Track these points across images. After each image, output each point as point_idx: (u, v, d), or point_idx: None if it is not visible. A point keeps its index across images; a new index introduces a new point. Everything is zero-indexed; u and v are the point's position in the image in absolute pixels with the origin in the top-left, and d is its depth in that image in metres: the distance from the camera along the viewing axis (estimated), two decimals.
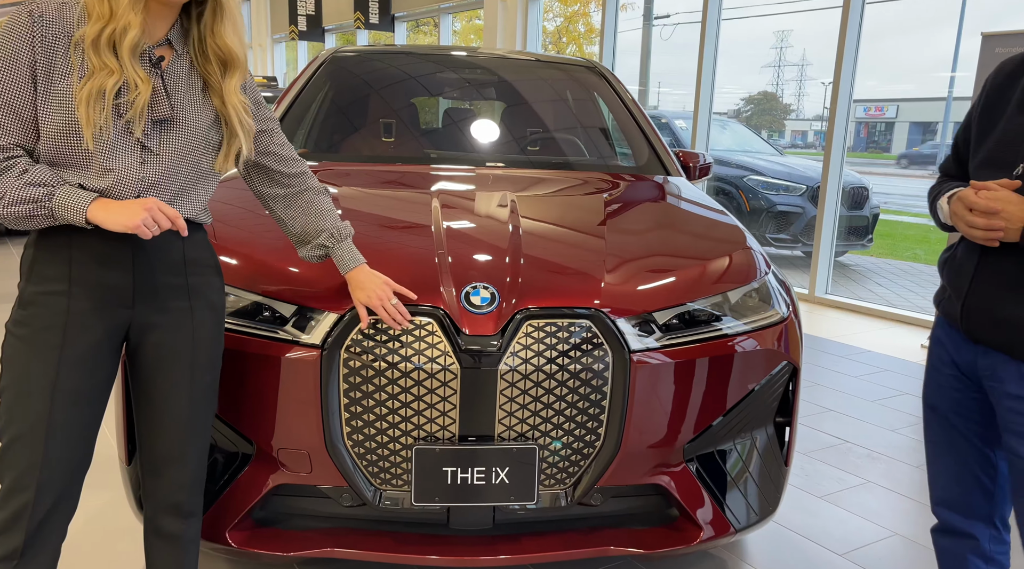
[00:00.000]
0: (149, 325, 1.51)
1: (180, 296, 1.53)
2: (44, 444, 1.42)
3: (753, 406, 2.00)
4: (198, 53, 1.48)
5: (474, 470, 1.77)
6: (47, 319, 1.41)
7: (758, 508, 2.04)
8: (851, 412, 3.67)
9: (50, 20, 1.35)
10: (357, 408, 1.74)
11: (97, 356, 1.46)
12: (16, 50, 1.33)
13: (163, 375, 1.54)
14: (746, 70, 10.46)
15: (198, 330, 1.56)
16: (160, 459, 1.59)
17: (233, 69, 1.49)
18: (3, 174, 1.32)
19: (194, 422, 1.59)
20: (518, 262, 1.89)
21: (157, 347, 1.53)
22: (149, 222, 1.34)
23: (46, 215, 1.34)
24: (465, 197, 2.43)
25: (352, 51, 3.46)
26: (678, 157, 3.16)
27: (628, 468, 1.86)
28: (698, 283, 2.01)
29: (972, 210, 1.43)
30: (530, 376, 1.75)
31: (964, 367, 1.59)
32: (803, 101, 37.35)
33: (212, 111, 1.50)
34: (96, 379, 1.48)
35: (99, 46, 1.34)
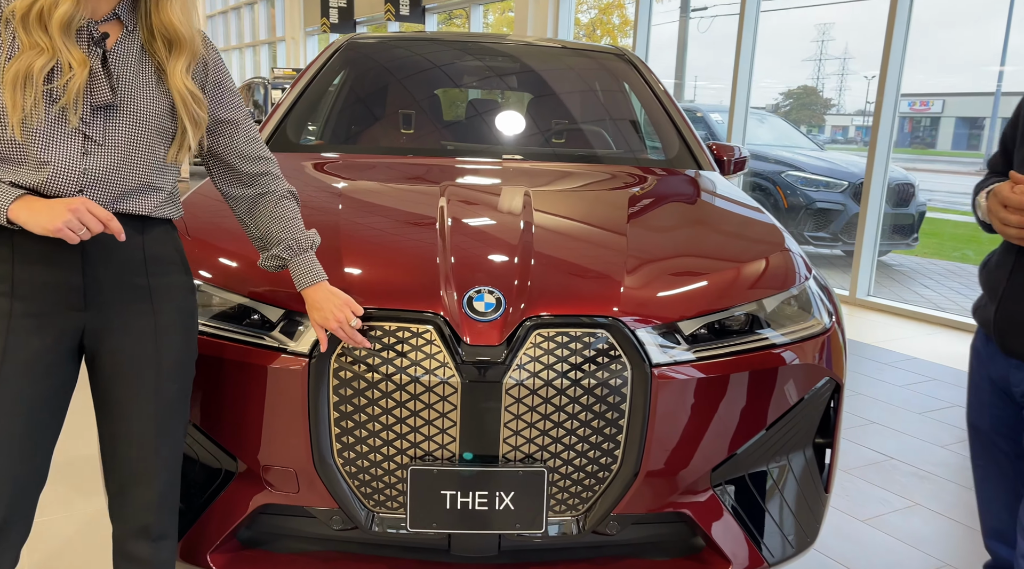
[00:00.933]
0: (105, 330, 1.36)
1: (141, 298, 1.38)
2: (5, 456, 1.30)
3: (790, 427, 1.80)
4: (145, 29, 1.32)
5: (476, 494, 1.60)
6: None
7: (794, 540, 1.84)
8: (896, 425, 3.41)
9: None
10: (348, 423, 1.58)
11: (47, 362, 1.32)
12: None
13: (123, 385, 1.39)
14: (785, 64, 10.19)
15: (162, 334, 1.41)
16: (125, 477, 1.45)
17: (179, 50, 1.33)
18: None
19: (161, 436, 1.44)
20: (528, 263, 1.71)
21: (115, 353, 1.38)
22: (75, 225, 1.18)
23: None
24: (477, 191, 2.25)
25: (369, 38, 3.31)
26: (712, 150, 2.95)
27: (648, 494, 1.68)
28: (730, 289, 1.81)
29: (1007, 207, 1.28)
30: (539, 391, 1.57)
31: (999, 382, 1.44)
32: (844, 95, 36.51)
33: (169, 96, 1.35)
34: (46, 387, 1.33)
35: (28, 22, 1.19)
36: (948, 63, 17.98)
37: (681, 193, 2.48)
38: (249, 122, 1.54)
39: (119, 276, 1.34)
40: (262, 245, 1.59)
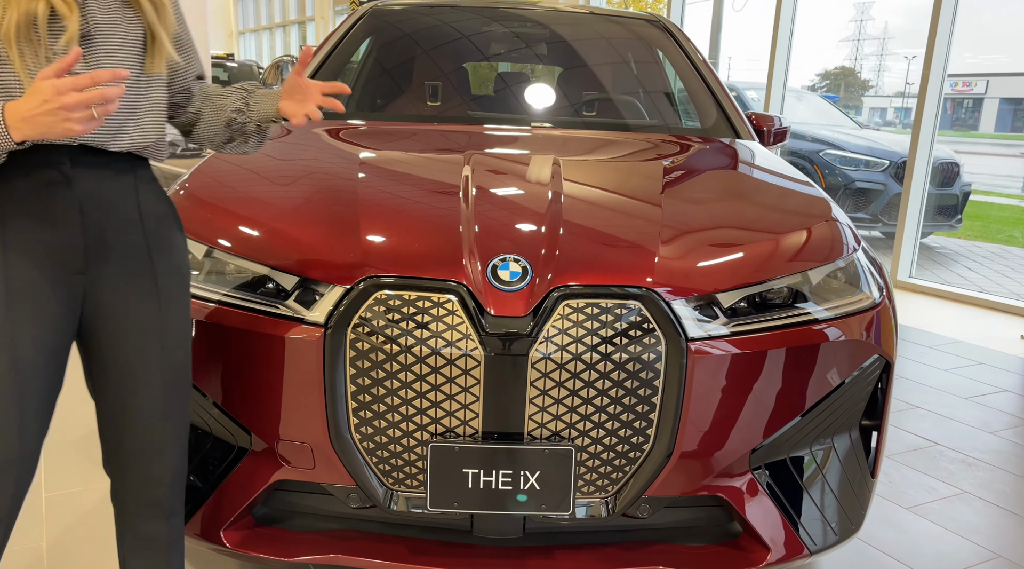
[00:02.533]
0: (108, 292, 1.28)
1: (140, 256, 1.30)
2: (17, 439, 1.23)
3: (835, 407, 1.68)
4: None
5: (499, 473, 1.51)
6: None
7: (837, 527, 1.73)
8: (941, 410, 3.26)
9: None
10: (366, 397, 1.51)
11: (55, 331, 1.24)
12: None
13: (129, 351, 1.32)
14: (822, 44, 9.80)
15: (164, 296, 1.33)
16: (132, 453, 1.38)
17: None
18: None
19: (169, 406, 1.37)
20: (556, 232, 1.61)
21: (120, 319, 1.30)
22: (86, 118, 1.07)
23: None
24: (504, 159, 2.15)
25: (394, 4, 3.21)
26: (751, 120, 2.81)
27: (682, 476, 1.58)
28: (771, 260, 1.70)
29: None
30: (567, 366, 1.48)
31: None
32: (883, 76, 35.55)
33: (136, 15, 1.26)
34: (57, 357, 1.26)
35: None
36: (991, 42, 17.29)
37: (719, 162, 2.35)
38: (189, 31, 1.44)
39: (117, 234, 1.27)
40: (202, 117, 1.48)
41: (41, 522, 2.14)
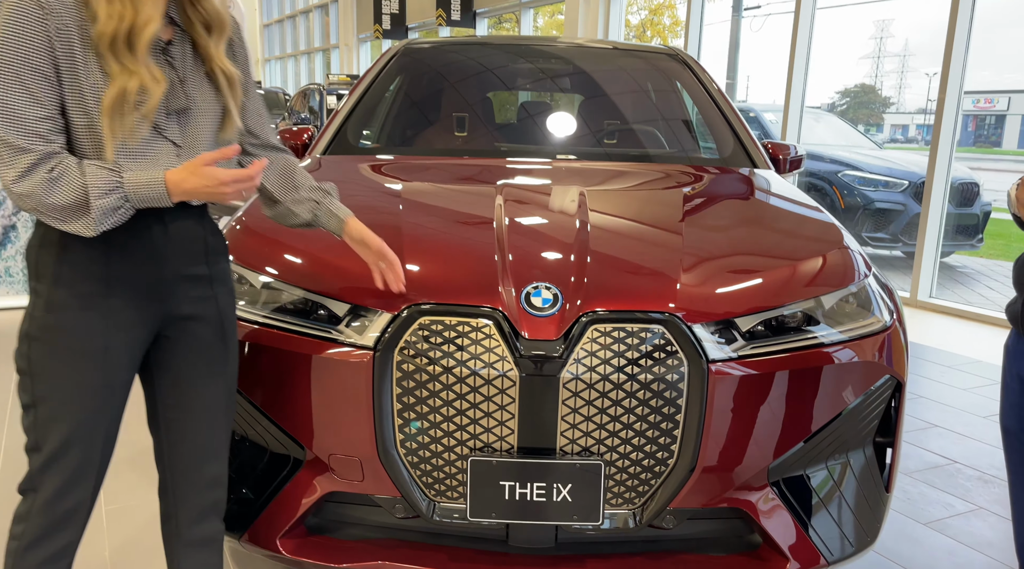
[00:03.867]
0: (181, 317, 1.46)
1: (204, 285, 1.47)
2: (101, 442, 1.41)
3: (849, 425, 1.79)
4: (183, 18, 1.38)
5: (534, 485, 1.63)
6: (88, 320, 1.35)
7: (854, 538, 1.82)
8: (959, 429, 3.33)
9: (56, 10, 1.24)
10: (410, 414, 1.64)
11: (135, 353, 1.43)
12: (35, 48, 1.22)
13: (199, 366, 1.49)
14: (842, 61, 9.89)
15: (224, 317, 1.52)
16: (195, 457, 1.54)
17: (220, 32, 1.40)
18: (61, 179, 1.24)
19: (227, 414, 1.56)
20: (584, 260, 1.74)
21: (190, 338, 1.48)
22: (239, 197, 1.31)
23: (130, 212, 1.30)
24: (532, 191, 2.29)
25: (425, 43, 3.38)
26: (767, 149, 2.93)
27: (705, 489, 1.69)
28: (787, 286, 1.81)
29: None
30: (596, 385, 1.60)
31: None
32: (904, 93, 35.38)
33: (209, 81, 1.42)
34: (131, 377, 1.44)
35: (116, 45, 1.25)
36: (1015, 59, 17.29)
37: (736, 191, 2.47)
38: (257, 94, 1.59)
39: (189, 268, 1.44)
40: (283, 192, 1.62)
41: (103, 533, 2.28)
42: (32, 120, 1.23)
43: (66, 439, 1.37)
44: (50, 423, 1.37)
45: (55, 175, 1.24)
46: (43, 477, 1.39)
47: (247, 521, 1.77)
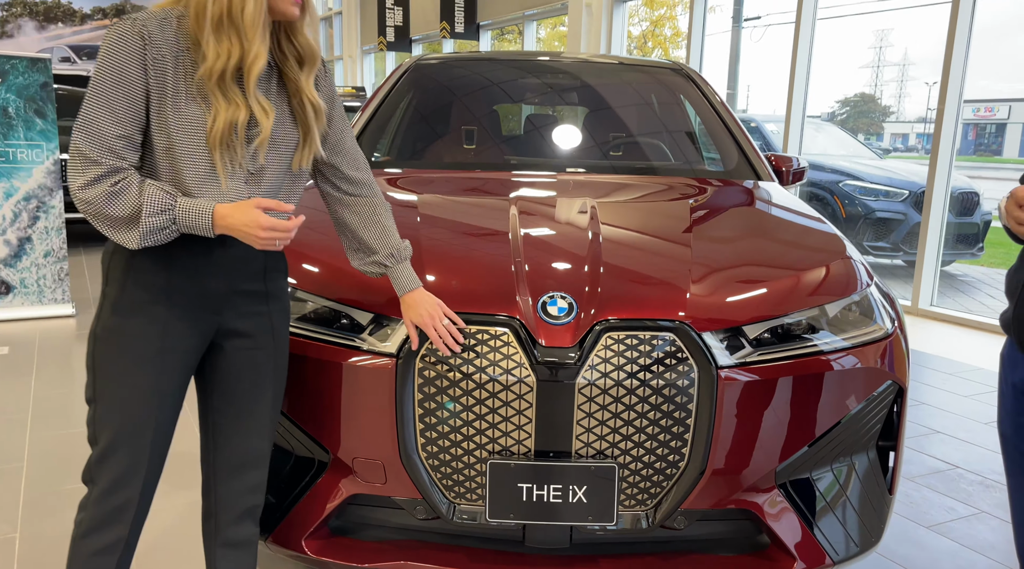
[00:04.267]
0: (234, 330, 1.54)
1: (260, 301, 1.55)
2: (150, 444, 1.48)
3: (853, 428, 1.85)
4: (277, 53, 1.47)
5: (550, 487, 1.70)
6: (146, 326, 1.44)
7: (858, 539, 1.88)
8: (961, 435, 3.39)
9: (156, 41, 1.34)
10: (431, 419, 1.70)
11: (189, 360, 1.51)
12: (129, 74, 1.33)
13: (248, 378, 1.57)
14: (842, 71, 9.99)
15: (276, 333, 1.59)
16: (239, 463, 1.61)
17: (311, 64, 1.48)
18: (122, 194, 1.33)
19: (272, 423, 1.63)
20: (597, 271, 1.82)
21: (243, 351, 1.55)
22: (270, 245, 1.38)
23: (176, 233, 1.38)
24: (544, 204, 2.36)
25: (434, 58, 3.47)
26: (770, 161, 3.00)
27: (714, 491, 1.75)
28: (792, 295, 1.88)
29: (1022, 206, 1.35)
30: (610, 391, 1.67)
31: (1019, 385, 1.46)
32: (904, 102, 35.50)
33: (290, 112, 1.50)
34: (186, 382, 1.52)
35: (225, 82, 1.34)
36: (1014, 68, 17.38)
37: (741, 203, 2.55)
38: (350, 129, 1.68)
39: (246, 284, 1.52)
40: (358, 248, 1.72)
41: None
42: (109, 137, 1.33)
43: (116, 436, 1.46)
44: (104, 420, 1.45)
45: (117, 189, 1.33)
46: (99, 470, 1.47)
47: (273, 523, 1.84)
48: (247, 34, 1.34)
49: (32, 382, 3.75)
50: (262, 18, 1.36)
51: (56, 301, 4.94)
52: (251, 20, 1.34)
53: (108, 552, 1.50)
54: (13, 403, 3.47)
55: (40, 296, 4.90)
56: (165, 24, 1.36)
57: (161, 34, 1.35)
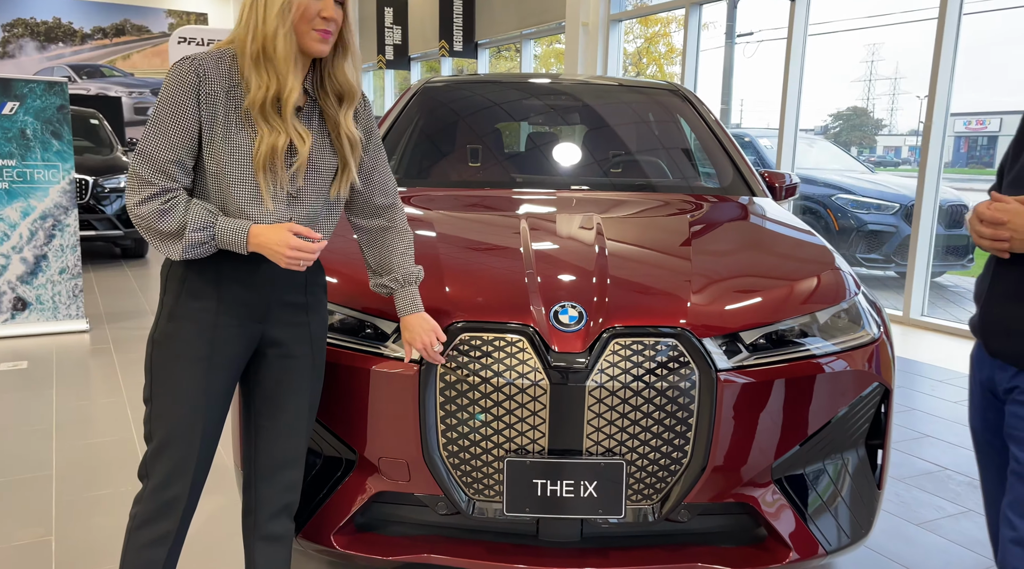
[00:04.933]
0: (276, 339, 1.68)
1: (300, 312, 1.70)
2: (199, 442, 1.62)
3: (843, 427, 1.99)
4: (319, 89, 1.62)
5: (563, 483, 1.83)
6: (197, 332, 1.58)
7: (850, 531, 2.02)
8: (950, 438, 3.53)
9: (211, 77, 1.51)
10: (452, 421, 1.84)
11: (235, 366, 1.64)
12: (184, 106, 1.50)
13: (288, 383, 1.71)
14: (835, 85, 10.19)
15: (315, 343, 1.73)
16: (278, 462, 1.74)
17: (350, 101, 1.63)
18: (171, 211, 1.49)
19: (308, 427, 1.76)
20: (605, 282, 1.96)
21: (284, 358, 1.69)
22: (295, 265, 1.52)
23: (215, 248, 1.53)
24: (552, 220, 2.51)
25: (441, 81, 3.62)
26: (763, 178, 3.16)
27: (715, 485, 1.88)
28: (785, 303, 2.02)
29: (983, 221, 1.48)
30: (617, 393, 1.80)
31: (986, 383, 1.61)
32: (896, 115, 35.91)
33: (329, 142, 1.65)
34: (232, 386, 1.66)
35: (266, 110, 1.50)
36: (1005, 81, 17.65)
37: (737, 218, 2.69)
38: (385, 157, 1.83)
39: (289, 296, 1.67)
40: (375, 271, 1.87)
41: None
42: (162, 161, 1.50)
43: (168, 434, 1.59)
44: (159, 418, 1.60)
45: (167, 208, 1.49)
46: (153, 466, 1.61)
47: (303, 519, 1.96)
48: (280, 69, 1.50)
49: (53, 394, 3.87)
50: (292, 55, 1.52)
51: (71, 317, 5.06)
52: (283, 57, 1.50)
53: (159, 544, 1.63)
54: (36, 414, 3.59)
55: (55, 312, 5.02)
56: (220, 62, 1.53)
57: (216, 71, 1.52)
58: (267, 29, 1.49)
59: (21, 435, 3.35)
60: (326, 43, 1.55)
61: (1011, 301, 1.52)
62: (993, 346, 1.58)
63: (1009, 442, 1.56)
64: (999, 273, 1.56)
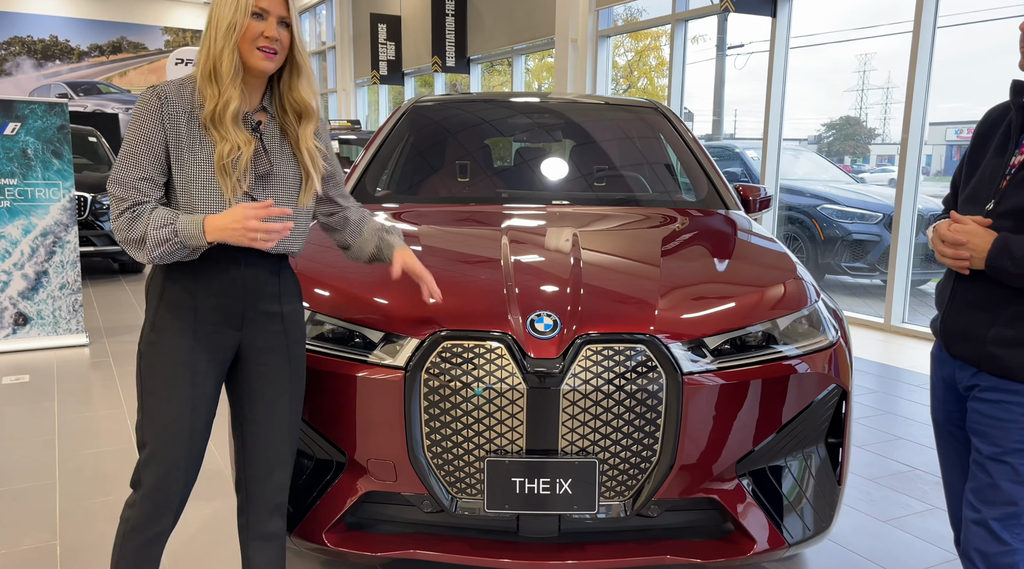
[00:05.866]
0: (254, 345, 1.80)
1: (276, 321, 1.82)
2: (188, 444, 1.74)
3: (803, 426, 2.12)
4: (278, 108, 1.78)
5: (540, 481, 1.95)
6: (178, 339, 1.71)
7: (812, 524, 2.14)
8: (922, 440, 3.66)
9: (172, 101, 1.67)
10: (436, 423, 1.96)
11: (218, 370, 1.76)
12: (150, 128, 1.66)
13: (268, 388, 1.83)
14: (828, 95, 10.29)
15: (291, 349, 1.86)
16: (267, 464, 1.86)
17: (308, 119, 1.79)
18: (138, 218, 1.63)
19: (292, 426, 1.88)
20: (578, 292, 2.09)
21: (262, 364, 1.81)
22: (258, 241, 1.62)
23: (182, 247, 1.63)
24: (532, 233, 2.64)
25: (430, 100, 3.77)
26: (738, 191, 3.30)
27: (683, 482, 2.01)
28: (749, 310, 2.15)
29: (944, 241, 1.63)
30: (590, 396, 1.93)
31: (948, 380, 1.75)
32: (888, 125, 36.14)
33: (292, 156, 1.80)
34: (217, 390, 1.78)
35: (212, 121, 1.66)
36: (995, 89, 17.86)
37: (707, 230, 2.83)
38: (341, 172, 2.00)
39: (263, 304, 1.79)
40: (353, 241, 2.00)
41: None
42: (133, 179, 1.65)
43: (158, 439, 1.71)
44: (149, 423, 1.72)
45: (135, 216, 1.64)
46: (145, 471, 1.73)
47: (296, 519, 2.08)
48: (224, 83, 1.66)
49: (55, 406, 3.99)
50: (236, 71, 1.67)
51: (71, 331, 5.18)
52: (227, 72, 1.66)
53: (155, 542, 1.76)
54: (39, 426, 3.71)
55: (55, 327, 5.14)
56: (182, 88, 1.70)
57: (177, 95, 1.68)
58: (216, 48, 1.65)
59: (25, 445, 3.46)
60: (270, 61, 1.71)
61: (971, 309, 1.69)
62: (954, 349, 1.74)
63: (971, 435, 1.72)
64: (959, 285, 1.71)
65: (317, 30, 19.88)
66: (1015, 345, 1.61)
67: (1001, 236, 1.57)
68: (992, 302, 1.64)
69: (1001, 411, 1.64)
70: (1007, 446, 1.63)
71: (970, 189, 1.74)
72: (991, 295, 1.64)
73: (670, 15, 8.66)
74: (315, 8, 19.47)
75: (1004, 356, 1.62)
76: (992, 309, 1.64)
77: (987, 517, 1.67)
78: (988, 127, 1.76)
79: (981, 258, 1.59)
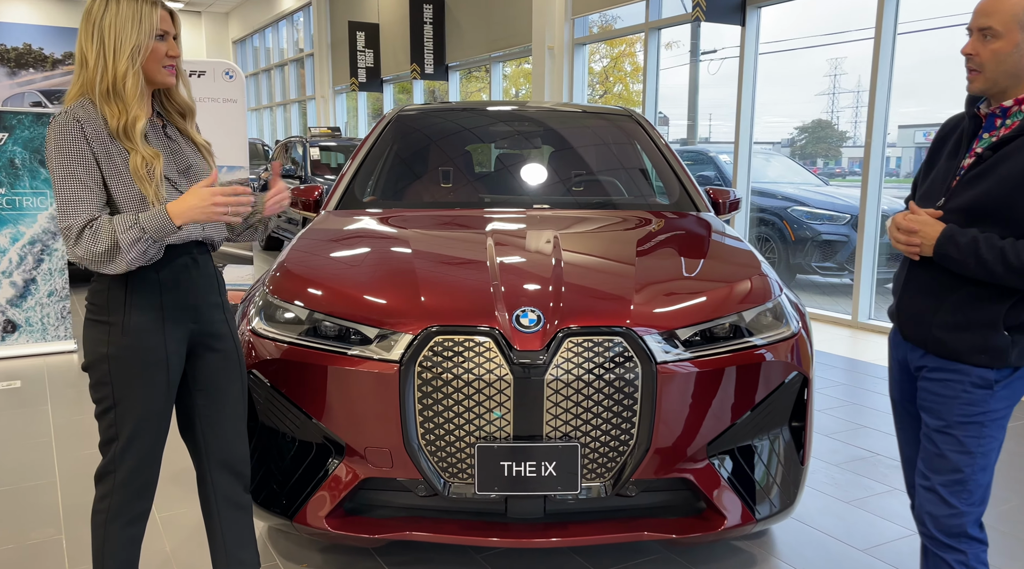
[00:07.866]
0: (207, 335, 1.95)
1: (219, 311, 1.99)
2: (160, 428, 1.90)
3: (768, 411, 2.30)
4: (167, 110, 1.95)
5: (526, 464, 2.11)
6: (153, 337, 1.83)
7: (778, 501, 2.32)
8: (884, 428, 3.86)
9: (88, 120, 1.76)
10: (429, 413, 2.11)
11: (182, 361, 1.92)
12: (79, 149, 1.73)
13: (223, 372, 1.99)
14: (800, 99, 10.52)
15: (234, 334, 2.03)
16: (226, 441, 2.01)
17: (191, 116, 1.98)
18: (98, 231, 1.70)
19: (244, 401, 2.06)
20: (560, 289, 2.25)
21: (214, 351, 1.97)
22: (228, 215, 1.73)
23: (152, 242, 1.72)
24: (515, 235, 2.80)
25: (414, 109, 3.92)
26: (709, 194, 3.48)
27: (658, 463, 2.18)
28: (717, 304, 2.33)
29: (900, 229, 1.81)
30: (571, 385, 2.09)
31: (901, 361, 1.93)
32: (859, 127, 36.71)
33: (195, 148, 1.98)
34: (179, 379, 1.93)
35: (120, 136, 1.77)
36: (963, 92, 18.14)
37: (679, 231, 3.01)
38: None
39: (210, 296, 1.95)
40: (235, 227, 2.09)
41: (160, 534, 2.70)
42: (83, 200, 1.73)
43: (138, 426, 1.85)
44: (128, 417, 1.84)
45: (94, 229, 1.72)
46: (121, 460, 1.86)
47: (298, 506, 2.22)
48: (129, 102, 1.78)
49: (49, 410, 4.07)
50: (139, 88, 1.80)
51: (59, 338, 5.25)
52: (132, 92, 1.78)
53: (139, 520, 1.92)
54: (35, 429, 3.79)
55: (44, 334, 5.21)
56: (86, 108, 1.78)
57: (87, 115, 1.76)
58: (117, 70, 1.76)
59: (22, 447, 3.55)
60: (174, 76, 1.88)
61: (921, 295, 1.87)
62: (906, 331, 1.92)
63: (921, 411, 1.91)
64: (912, 272, 1.89)
65: (295, 37, 19.91)
66: (957, 329, 1.79)
67: (949, 227, 1.75)
68: (939, 289, 1.82)
69: (945, 389, 1.82)
70: (951, 420, 1.82)
71: (926, 187, 1.92)
72: (939, 283, 1.81)
73: (644, 23, 8.88)
74: (292, 15, 19.52)
75: (948, 339, 1.80)
76: (939, 296, 1.82)
77: (935, 484, 1.84)
78: (946, 132, 1.94)
79: (930, 245, 1.76)
